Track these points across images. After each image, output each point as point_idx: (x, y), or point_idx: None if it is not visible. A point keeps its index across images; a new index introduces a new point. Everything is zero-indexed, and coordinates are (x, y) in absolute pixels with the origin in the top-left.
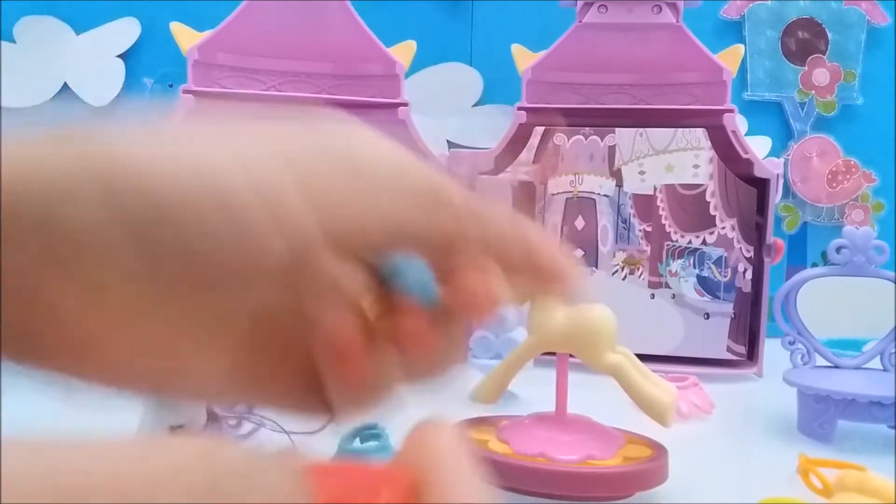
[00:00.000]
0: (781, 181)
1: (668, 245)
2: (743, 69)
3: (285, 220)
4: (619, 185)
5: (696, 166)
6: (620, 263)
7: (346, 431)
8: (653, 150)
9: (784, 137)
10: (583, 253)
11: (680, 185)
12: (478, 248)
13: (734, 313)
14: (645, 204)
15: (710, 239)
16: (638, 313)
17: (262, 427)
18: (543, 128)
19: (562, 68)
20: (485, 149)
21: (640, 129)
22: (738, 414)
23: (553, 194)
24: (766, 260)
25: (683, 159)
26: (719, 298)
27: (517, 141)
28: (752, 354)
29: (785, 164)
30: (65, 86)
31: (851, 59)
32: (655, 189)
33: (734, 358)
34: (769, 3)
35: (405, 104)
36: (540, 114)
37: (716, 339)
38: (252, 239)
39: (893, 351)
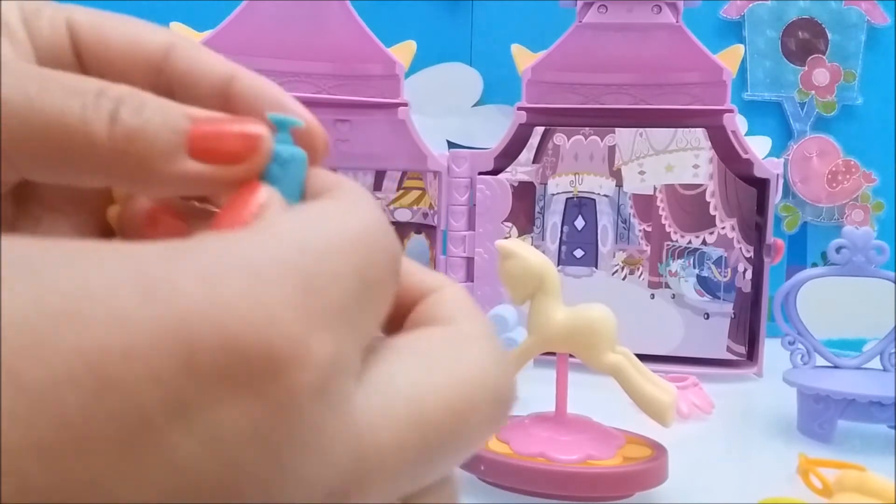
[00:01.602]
0: (781, 181)
1: (668, 245)
2: (743, 69)
3: None
4: (619, 185)
5: (696, 166)
6: (620, 263)
7: None
8: (653, 150)
9: (784, 137)
10: (583, 253)
11: (680, 185)
12: None
13: (734, 313)
14: (645, 204)
15: (710, 239)
16: (638, 313)
17: None
18: (543, 128)
19: (562, 68)
20: (485, 149)
21: (640, 129)
22: (738, 414)
23: (553, 194)
24: (766, 260)
25: (683, 159)
26: (719, 298)
27: (517, 141)
28: (752, 354)
29: (785, 164)
30: None
31: (851, 59)
32: (655, 189)
33: (734, 358)
34: (769, 3)
35: (405, 104)
36: (540, 114)
37: (716, 339)
38: None
39: (893, 351)
